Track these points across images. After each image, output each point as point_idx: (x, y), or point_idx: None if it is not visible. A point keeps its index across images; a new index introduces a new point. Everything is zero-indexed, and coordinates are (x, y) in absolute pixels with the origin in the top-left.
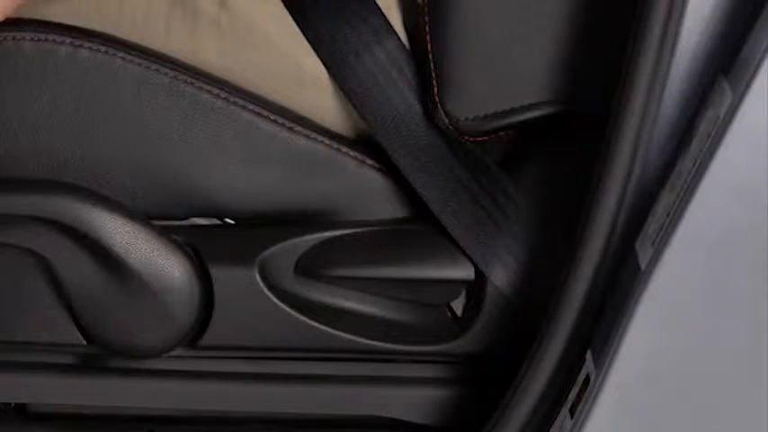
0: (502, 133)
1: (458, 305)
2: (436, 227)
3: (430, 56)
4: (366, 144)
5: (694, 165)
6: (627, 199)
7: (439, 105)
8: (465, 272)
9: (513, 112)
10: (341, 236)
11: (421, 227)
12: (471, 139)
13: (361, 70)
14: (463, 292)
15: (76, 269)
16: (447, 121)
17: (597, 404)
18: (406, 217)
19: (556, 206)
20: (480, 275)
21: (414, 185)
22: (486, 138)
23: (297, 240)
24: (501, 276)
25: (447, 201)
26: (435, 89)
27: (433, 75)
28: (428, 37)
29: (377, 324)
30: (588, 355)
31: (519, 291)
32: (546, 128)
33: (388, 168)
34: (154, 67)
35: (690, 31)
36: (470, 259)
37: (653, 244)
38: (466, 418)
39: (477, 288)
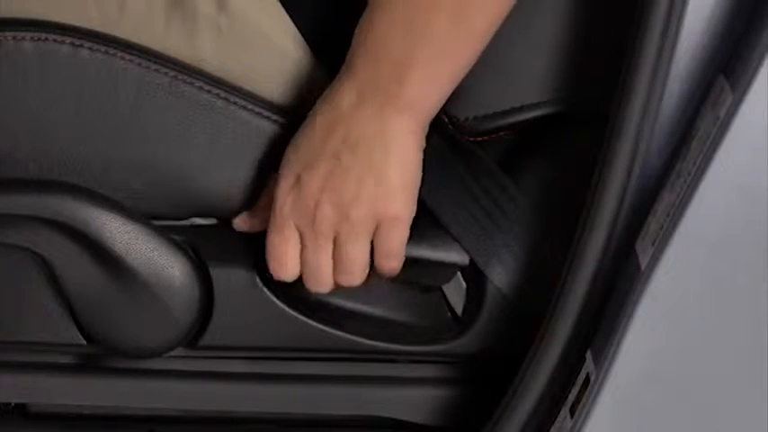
0: (502, 133)
1: (458, 305)
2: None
3: None
4: None
5: (694, 165)
6: (627, 199)
7: None
8: (459, 256)
9: (513, 111)
10: None
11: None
12: (471, 138)
13: None
14: (463, 293)
15: (76, 269)
16: (447, 120)
17: (597, 404)
18: None
19: (556, 206)
20: (480, 275)
21: None
22: (486, 137)
23: None
24: (501, 276)
25: (447, 200)
26: None
27: None
28: None
29: (377, 324)
30: (588, 355)
31: (519, 290)
32: (546, 128)
33: None
34: (154, 67)
35: (690, 30)
36: (471, 259)
37: (653, 244)
38: (466, 418)
39: (477, 288)
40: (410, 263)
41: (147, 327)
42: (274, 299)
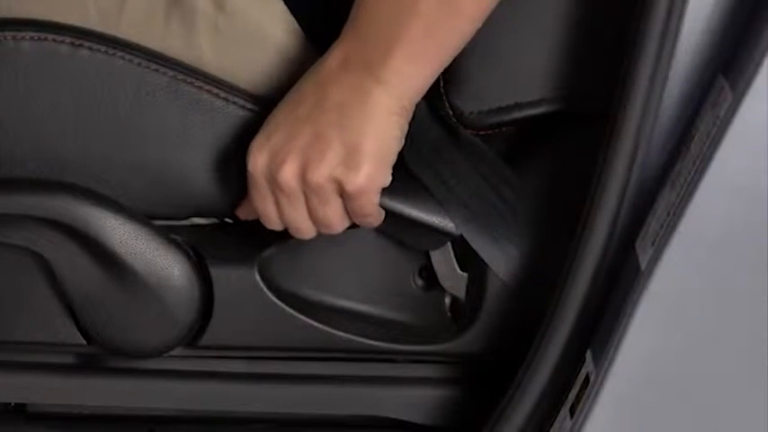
0: (504, 128)
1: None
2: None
3: None
4: None
5: (694, 165)
6: (627, 199)
7: (444, 98)
8: (453, 225)
9: (516, 107)
10: None
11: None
12: (474, 132)
13: None
14: (463, 291)
15: (76, 269)
16: (451, 113)
17: (597, 404)
18: None
19: (557, 203)
20: (480, 274)
21: (418, 177)
22: (489, 132)
23: (297, 240)
24: (503, 268)
25: (450, 192)
26: (440, 82)
27: None
28: None
29: (377, 324)
30: (588, 355)
31: (521, 282)
32: (548, 124)
33: None
34: (153, 67)
35: (690, 30)
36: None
37: (653, 244)
38: (466, 418)
39: (477, 287)
40: (402, 222)
41: (146, 326)
42: (274, 299)
